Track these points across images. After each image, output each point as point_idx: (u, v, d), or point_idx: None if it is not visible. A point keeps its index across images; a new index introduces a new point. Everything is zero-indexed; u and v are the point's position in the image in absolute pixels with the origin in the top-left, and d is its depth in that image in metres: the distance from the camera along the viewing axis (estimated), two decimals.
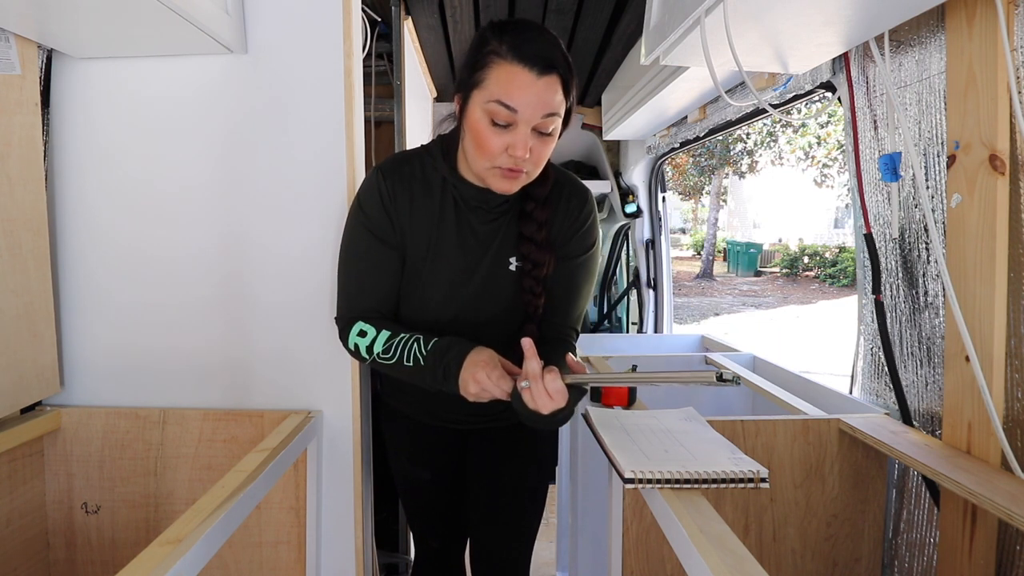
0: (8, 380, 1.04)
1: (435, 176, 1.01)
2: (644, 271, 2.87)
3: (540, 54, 0.86)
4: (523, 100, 0.86)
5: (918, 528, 1.04)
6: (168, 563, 0.64)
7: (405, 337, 0.96)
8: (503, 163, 0.90)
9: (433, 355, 0.93)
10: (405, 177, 1.00)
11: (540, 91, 0.86)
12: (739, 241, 18.84)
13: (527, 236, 1.01)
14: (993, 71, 0.82)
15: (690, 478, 0.79)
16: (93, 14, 0.94)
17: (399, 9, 1.77)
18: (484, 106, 0.88)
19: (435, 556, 1.29)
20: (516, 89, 0.86)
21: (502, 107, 0.86)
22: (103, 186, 1.18)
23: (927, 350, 1.02)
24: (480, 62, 0.88)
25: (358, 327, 0.99)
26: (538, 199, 1.01)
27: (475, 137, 0.90)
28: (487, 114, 0.88)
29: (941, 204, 0.95)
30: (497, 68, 0.87)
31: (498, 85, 0.86)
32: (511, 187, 0.94)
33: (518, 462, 1.20)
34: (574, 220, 1.06)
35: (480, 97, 0.88)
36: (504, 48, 0.86)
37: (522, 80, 0.86)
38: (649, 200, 2.82)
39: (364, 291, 1.01)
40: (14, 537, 1.10)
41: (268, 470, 0.91)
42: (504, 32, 0.88)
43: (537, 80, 0.86)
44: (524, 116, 0.87)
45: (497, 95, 0.86)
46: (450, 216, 1.01)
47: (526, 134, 0.88)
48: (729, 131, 1.90)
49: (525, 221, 1.01)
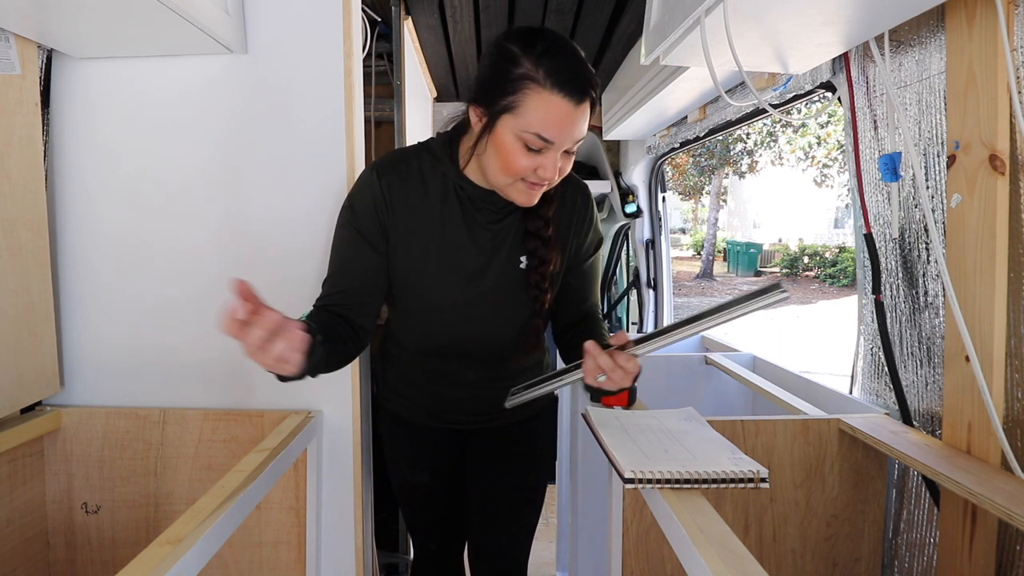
0: (8, 380, 1.04)
1: (435, 175, 0.99)
2: (644, 271, 2.87)
3: (578, 80, 0.84)
4: (561, 132, 0.85)
5: (918, 528, 1.04)
6: (168, 563, 0.64)
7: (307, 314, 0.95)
8: (529, 178, 0.90)
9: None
10: (402, 176, 0.98)
11: (576, 120, 0.85)
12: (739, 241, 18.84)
13: (533, 232, 1.01)
14: (993, 71, 0.82)
15: (690, 478, 0.79)
16: (93, 14, 0.94)
17: (399, 9, 1.77)
18: (518, 133, 0.86)
19: (434, 558, 1.29)
20: (555, 121, 0.84)
21: (538, 139, 0.85)
22: (103, 186, 1.18)
23: (927, 350, 1.02)
24: (512, 86, 0.84)
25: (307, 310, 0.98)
26: (545, 218, 1.02)
27: (503, 158, 0.88)
28: (519, 139, 0.86)
29: (941, 204, 0.95)
30: (534, 96, 0.83)
31: (535, 116, 0.84)
32: (532, 200, 0.94)
33: (517, 461, 1.20)
34: (582, 218, 1.07)
35: (513, 123, 0.85)
36: (541, 74, 0.83)
37: (561, 111, 0.84)
38: (649, 200, 2.81)
39: (332, 280, 1.01)
40: (14, 537, 1.10)
41: (268, 470, 0.91)
42: (535, 49, 0.84)
43: (575, 110, 0.84)
44: (559, 145, 0.87)
45: (535, 128, 0.84)
46: (456, 216, 1.00)
47: (555, 158, 0.88)
48: (729, 131, 1.90)
49: (531, 218, 1.01)
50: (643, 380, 1.32)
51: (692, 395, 1.70)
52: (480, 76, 0.91)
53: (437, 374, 1.12)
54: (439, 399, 1.14)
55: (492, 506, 1.20)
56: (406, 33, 1.84)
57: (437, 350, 1.09)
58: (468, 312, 1.03)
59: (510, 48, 0.86)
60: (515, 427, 1.18)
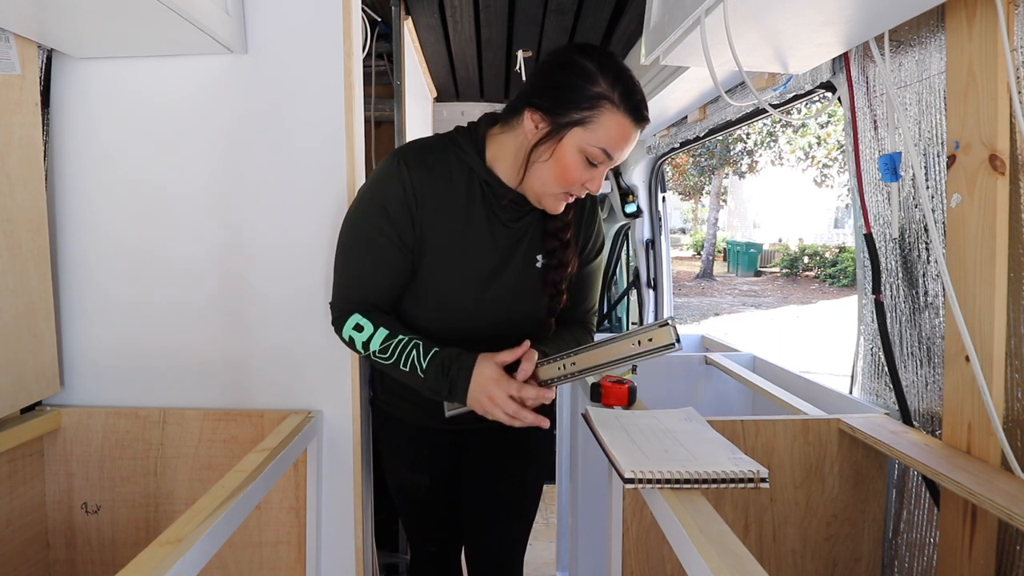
0: (8, 380, 1.04)
1: (461, 168, 0.99)
2: (644, 271, 2.87)
3: (642, 106, 0.92)
4: (622, 152, 0.93)
5: (918, 528, 1.04)
6: (168, 563, 0.64)
7: (403, 340, 0.94)
8: (574, 191, 0.96)
9: (435, 369, 0.93)
10: (429, 167, 0.98)
11: (633, 140, 0.93)
12: (739, 241, 18.84)
13: (552, 233, 1.03)
14: (993, 71, 0.82)
15: (690, 478, 0.79)
16: (93, 14, 0.94)
17: (399, 9, 1.77)
18: (585, 147, 0.91)
19: (432, 559, 1.29)
20: (621, 140, 0.91)
21: (604, 154, 0.91)
22: (103, 186, 1.18)
23: (927, 350, 1.02)
24: (589, 102, 0.90)
25: (354, 320, 0.97)
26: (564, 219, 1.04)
27: (562, 168, 0.93)
28: (584, 153, 0.91)
29: (941, 204, 0.95)
30: (609, 117, 0.90)
31: (608, 135, 0.90)
32: (561, 209, 0.99)
33: (515, 460, 1.20)
34: (590, 223, 1.10)
35: (583, 137, 0.91)
36: (616, 96, 0.90)
37: (627, 133, 0.91)
38: (649, 200, 2.81)
39: (364, 284, 0.99)
40: (14, 537, 1.10)
41: (268, 470, 0.91)
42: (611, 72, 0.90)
43: (636, 132, 0.93)
44: (614, 161, 0.93)
45: (604, 144, 0.91)
46: (478, 211, 1.00)
47: (604, 174, 0.95)
48: (729, 131, 1.90)
49: (551, 219, 1.03)
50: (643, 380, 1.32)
51: (692, 395, 1.70)
52: (546, 83, 0.93)
53: None
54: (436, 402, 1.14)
55: (489, 505, 1.20)
56: (406, 33, 1.84)
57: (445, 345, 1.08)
58: (483, 309, 1.04)
59: (586, 65, 0.91)
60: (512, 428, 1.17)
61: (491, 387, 0.89)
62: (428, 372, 0.92)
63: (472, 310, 1.03)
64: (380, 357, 0.95)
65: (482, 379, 0.90)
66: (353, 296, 0.99)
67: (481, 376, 0.91)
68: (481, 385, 0.90)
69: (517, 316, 1.06)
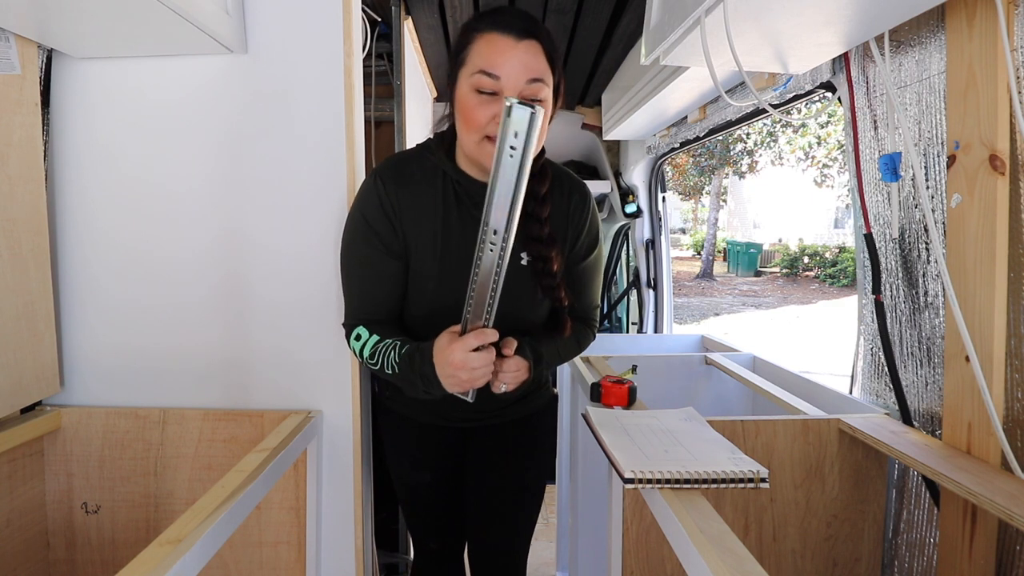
0: (8, 380, 1.04)
1: (435, 172, 1.00)
2: (644, 271, 2.87)
3: (518, 22, 0.88)
4: (505, 66, 0.87)
5: (918, 528, 1.04)
6: (168, 563, 0.64)
7: (387, 343, 0.96)
8: (492, 131, 0.89)
9: (405, 365, 0.93)
10: (404, 179, 0.99)
11: (521, 54, 0.87)
12: (739, 241, 18.84)
13: (532, 236, 1.01)
14: (993, 71, 0.82)
15: (690, 478, 0.79)
16: (93, 14, 0.94)
17: (399, 9, 1.77)
18: (468, 80, 0.89)
19: (435, 557, 1.29)
20: (497, 55, 0.87)
21: (485, 76, 0.87)
22: (103, 186, 1.18)
23: (927, 350, 1.02)
24: (461, 43, 0.92)
25: (356, 331, 1.00)
26: (537, 196, 1.01)
27: (462, 113, 0.91)
28: (472, 88, 0.89)
29: (941, 204, 0.95)
30: (477, 41, 0.89)
31: (479, 56, 0.88)
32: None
33: (517, 458, 1.20)
34: (579, 216, 1.07)
35: (464, 73, 0.90)
36: (483, 24, 0.90)
37: (502, 45, 0.87)
38: (649, 200, 2.82)
39: (365, 298, 1.02)
40: (14, 537, 1.10)
41: (268, 470, 0.91)
42: (484, 14, 0.92)
43: (517, 44, 0.87)
44: (509, 83, 0.87)
45: (479, 65, 0.88)
46: (453, 212, 1.00)
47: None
48: (729, 131, 1.90)
49: (527, 221, 1.01)
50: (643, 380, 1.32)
51: (692, 395, 1.70)
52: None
53: None
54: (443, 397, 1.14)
55: (492, 502, 1.21)
56: (406, 33, 1.84)
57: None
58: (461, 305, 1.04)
59: (465, 23, 0.94)
60: (515, 424, 1.18)
61: (448, 355, 0.86)
62: (401, 369, 0.93)
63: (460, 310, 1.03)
64: (370, 363, 0.97)
65: (439, 356, 0.88)
66: (359, 312, 1.02)
67: (438, 353, 0.88)
68: (441, 362, 0.87)
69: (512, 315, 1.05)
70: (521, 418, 1.18)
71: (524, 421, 1.19)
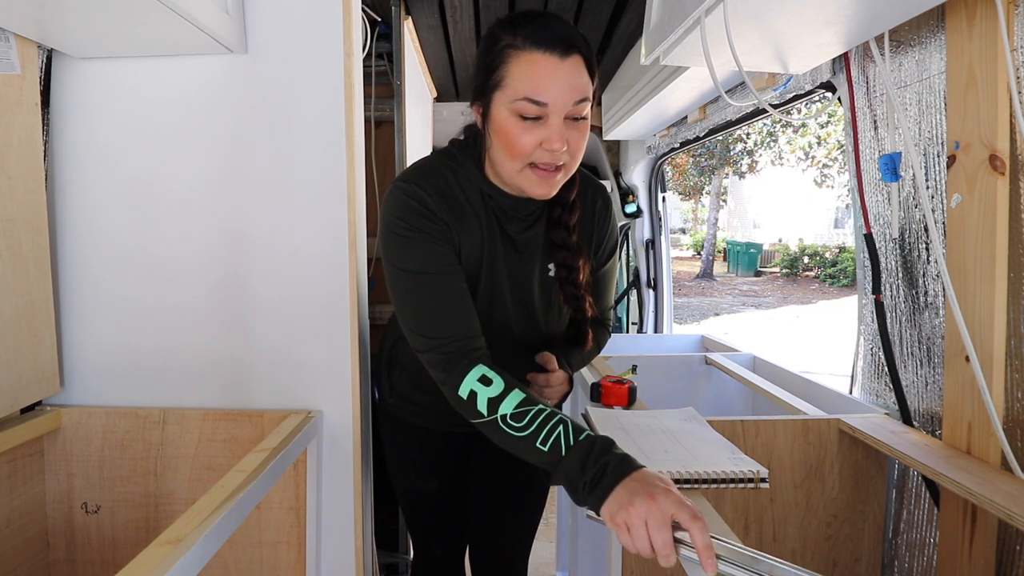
0: (8, 380, 1.04)
1: (471, 187, 0.93)
2: (644, 271, 2.87)
3: (559, 35, 0.80)
4: (552, 89, 0.79)
5: (918, 528, 1.04)
6: (168, 563, 0.64)
7: (546, 411, 0.77)
8: (538, 159, 0.83)
9: (583, 451, 0.72)
10: (443, 190, 0.90)
11: (567, 75, 0.79)
12: (739, 241, 18.84)
13: (559, 243, 0.96)
14: (993, 71, 0.82)
15: (690, 478, 0.79)
16: (93, 14, 0.94)
17: (399, 9, 1.77)
18: (510, 106, 0.81)
19: (436, 561, 1.29)
20: (542, 79, 0.79)
21: (530, 103, 0.79)
22: (103, 186, 1.18)
23: (927, 350, 1.02)
24: (496, 60, 0.82)
25: (479, 371, 0.81)
26: (565, 203, 0.96)
27: (504, 139, 0.83)
28: (514, 113, 0.81)
29: (941, 204, 0.95)
30: (516, 61, 0.80)
31: (522, 80, 0.80)
32: (549, 189, 0.86)
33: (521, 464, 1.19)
34: (603, 224, 1.04)
35: (503, 98, 0.82)
36: (519, 39, 0.80)
37: (546, 67, 0.79)
38: (649, 200, 2.81)
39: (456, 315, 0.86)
40: (14, 537, 1.10)
41: (268, 470, 0.91)
42: (515, 24, 0.82)
43: (562, 64, 0.79)
44: (556, 107, 0.80)
45: (523, 92, 0.79)
46: (494, 229, 0.95)
47: (559, 125, 0.81)
48: (729, 131, 1.90)
49: (555, 228, 0.96)
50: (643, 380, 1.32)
51: (692, 395, 1.70)
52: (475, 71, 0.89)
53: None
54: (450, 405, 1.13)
55: (494, 507, 1.20)
56: (406, 33, 1.84)
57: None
58: (506, 324, 1.00)
59: (492, 32, 0.85)
60: None
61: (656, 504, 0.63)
62: (575, 452, 0.73)
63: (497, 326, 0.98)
64: (510, 424, 0.78)
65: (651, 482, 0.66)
66: (453, 333, 0.84)
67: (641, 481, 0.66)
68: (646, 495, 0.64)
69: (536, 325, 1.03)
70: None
71: None
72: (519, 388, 0.80)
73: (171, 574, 0.63)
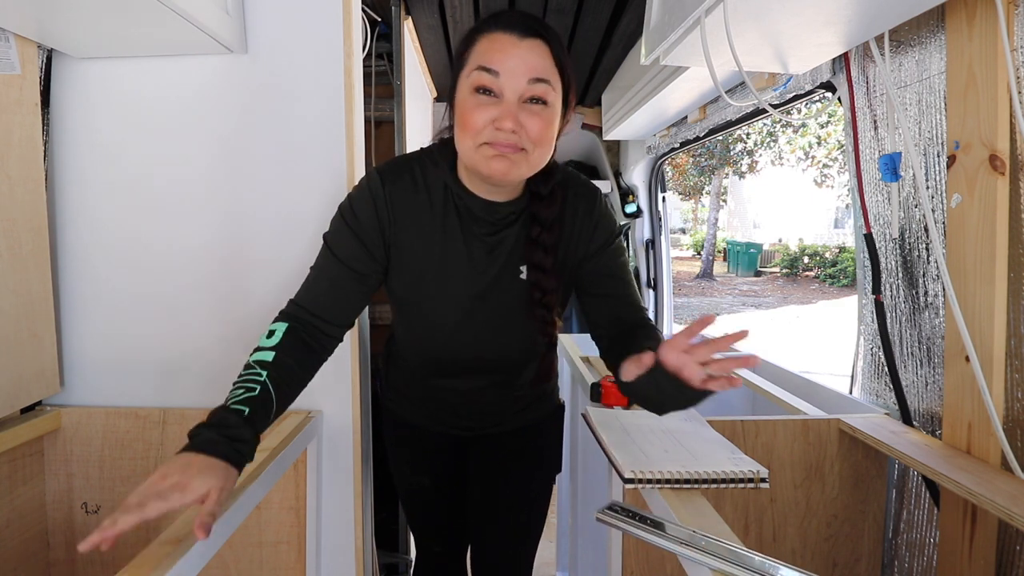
0: (8, 380, 1.04)
1: (436, 184, 0.93)
2: (644, 271, 2.87)
3: (523, 20, 0.82)
4: (505, 62, 0.80)
5: (918, 528, 1.04)
6: (168, 563, 0.64)
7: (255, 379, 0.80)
8: (491, 137, 0.81)
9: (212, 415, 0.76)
10: (406, 185, 0.93)
11: (523, 52, 0.80)
12: (739, 241, 18.84)
13: (535, 263, 0.94)
14: (993, 71, 0.82)
15: (690, 478, 0.79)
16: (93, 14, 0.94)
17: (399, 9, 1.77)
18: (467, 81, 0.83)
19: (436, 559, 1.28)
20: (497, 52, 0.80)
21: (483, 72, 0.80)
22: (103, 186, 1.18)
23: (927, 350, 1.02)
24: (463, 46, 0.86)
25: (276, 325, 0.88)
26: (545, 222, 0.93)
27: (460, 115, 0.84)
28: (471, 88, 0.82)
29: (941, 204, 0.95)
30: (479, 42, 0.83)
31: (479, 54, 0.82)
32: (506, 169, 0.83)
33: (520, 468, 1.19)
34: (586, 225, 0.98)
35: (464, 77, 0.84)
36: (485, 25, 0.84)
37: (503, 43, 0.81)
38: (649, 200, 2.82)
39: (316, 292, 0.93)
40: (14, 537, 1.10)
41: (268, 470, 0.91)
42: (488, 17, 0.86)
43: (520, 42, 0.81)
44: (509, 83, 0.80)
45: (478, 62, 0.81)
46: (454, 228, 0.94)
47: (512, 103, 0.81)
48: (729, 131, 1.90)
49: (531, 246, 0.94)
50: None
51: None
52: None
53: (439, 387, 1.10)
54: (441, 406, 1.13)
55: (494, 512, 1.19)
56: (406, 33, 1.84)
57: (438, 363, 1.05)
58: (469, 329, 0.99)
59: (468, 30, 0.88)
60: (518, 433, 1.16)
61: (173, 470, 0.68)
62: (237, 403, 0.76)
63: (457, 330, 0.99)
64: (244, 370, 0.82)
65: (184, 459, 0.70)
66: (301, 298, 0.93)
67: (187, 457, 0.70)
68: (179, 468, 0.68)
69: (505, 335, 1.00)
70: (522, 428, 1.16)
71: (527, 429, 1.17)
72: (276, 357, 0.83)
73: (171, 574, 0.63)
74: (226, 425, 0.73)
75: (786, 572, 0.58)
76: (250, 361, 0.84)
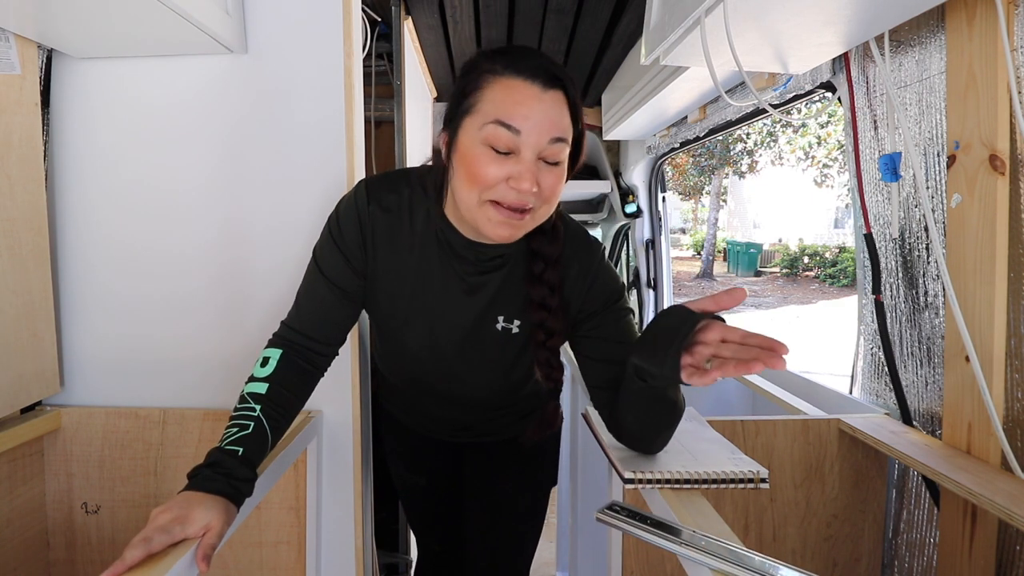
0: (8, 380, 1.04)
1: (420, 210, 0.87)
2: (644, 271, 2.87)
3: (543, 66, 0.74)
4: (527, 119, 0.72)
5: (918, 528, 1.04)
6: (168, 563, 0.64)
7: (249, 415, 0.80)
8: (501, 196, 0.74)
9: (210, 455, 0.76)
10: (390, 206, 0.87)
11: (547, 108, 0.73)
12: (739, 241, 18.84)
13: (538, 302, 0.86)
14: (993, 71, 0.82)
15: (690, 478, 0.79)
16: (93, 14, 0.94)
17: (399, 9, 1.77)
18: (479, 132, 0.73)
19: (436, 557, 1.29)
20: (518, 104, 0.72)
21: (502, 128, 0.72)
22: (103, 186, 1.18)
23: (927, 350, 1.02)
24: (471, 85, 0.75)
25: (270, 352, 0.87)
26: (549, 259, 0.85)
27: (467, 167, 0.74)
28: (483, 141, 0.73)
29: (941, 204, 0.95)
30: (492, 86, 0.74)
31: (495, 104, 0.73)
32: (510, 233, 0.76)
33: (514, 479, 1.18)
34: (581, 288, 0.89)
35: (473, 123, 0.74)
36: (499, 66, 0.74)
37: (525, 94, 0.72)
38: (649, 200, 2.81)
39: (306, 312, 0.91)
40: (14, 537, 1.10)
41: (268, 470, 0.91)
42: (498, 53, 0.76)
43: (543, 94, 0.73)
44: (529, 140, 0.72)
45: (495, 114, 0.72)
46: (432, 259, 0.88)
47: (531, 161, 0.73)
48: (729, 131, 1.90)
49: (535, 285, 0.86)
50: None
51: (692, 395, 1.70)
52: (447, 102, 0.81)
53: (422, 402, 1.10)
54: (426, 414, 1.14)
55: (488, 522, 1.19)
56: (406, 33, 1.84)
57: (416, 384, 1.04)
58: (442, 364, 0.96)
59: (472, 59, 0.79)
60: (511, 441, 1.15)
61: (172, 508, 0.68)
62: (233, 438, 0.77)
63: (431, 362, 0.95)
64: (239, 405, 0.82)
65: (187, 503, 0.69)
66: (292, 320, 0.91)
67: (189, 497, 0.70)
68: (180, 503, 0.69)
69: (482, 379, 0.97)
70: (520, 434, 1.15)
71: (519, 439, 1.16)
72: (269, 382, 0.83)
73: (171, 574, 0.63)
74: (222, 465, 0.74)
75: (786, 572, 0.59)
76: (244, 393, 0.83)
